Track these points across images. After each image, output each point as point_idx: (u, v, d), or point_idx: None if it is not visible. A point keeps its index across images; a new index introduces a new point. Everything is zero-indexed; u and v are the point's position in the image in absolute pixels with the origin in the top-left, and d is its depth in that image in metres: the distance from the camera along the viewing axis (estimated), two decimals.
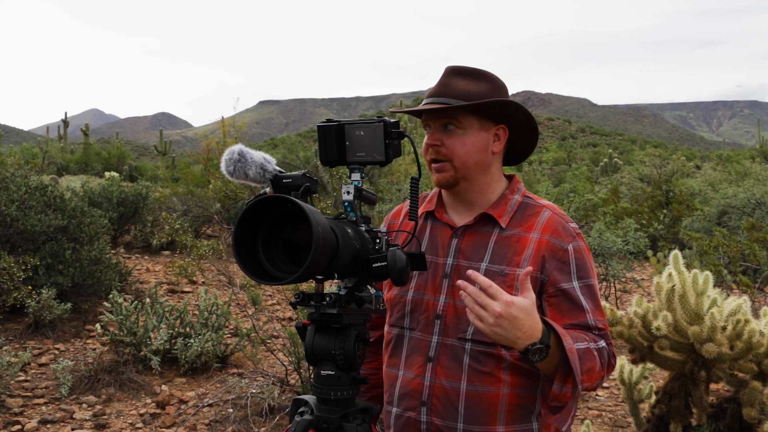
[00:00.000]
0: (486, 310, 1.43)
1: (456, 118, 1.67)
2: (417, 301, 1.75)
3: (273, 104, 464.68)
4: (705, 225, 12.02)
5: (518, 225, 1.70)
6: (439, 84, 1.71)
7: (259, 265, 1.37)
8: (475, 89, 1.68)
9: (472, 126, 1.68)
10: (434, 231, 1.79)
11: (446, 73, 1.72)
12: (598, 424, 4.82)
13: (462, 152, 1.67)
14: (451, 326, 1.68)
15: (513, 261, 1.65)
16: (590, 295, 1.65)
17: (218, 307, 5.61)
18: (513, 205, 1.73)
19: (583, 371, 1.51)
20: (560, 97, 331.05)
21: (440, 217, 1.79)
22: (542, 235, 1.66)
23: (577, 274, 1.65)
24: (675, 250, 3.50)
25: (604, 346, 1.61)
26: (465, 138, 1.68)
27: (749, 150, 36.31)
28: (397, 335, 1.79)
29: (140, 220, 10.72)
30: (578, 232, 1.70)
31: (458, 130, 1.68)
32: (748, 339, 3.19)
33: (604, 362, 1.59)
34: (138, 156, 54.62)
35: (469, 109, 1.67)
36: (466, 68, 1.72)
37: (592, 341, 1.59)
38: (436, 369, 1.68)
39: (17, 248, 6.35)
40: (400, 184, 12.99)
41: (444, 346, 1.68)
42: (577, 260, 1.66)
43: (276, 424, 4.43)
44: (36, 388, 4.90)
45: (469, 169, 1.69)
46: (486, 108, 1.68)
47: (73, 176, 20.52)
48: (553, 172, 36.35)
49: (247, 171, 1.47)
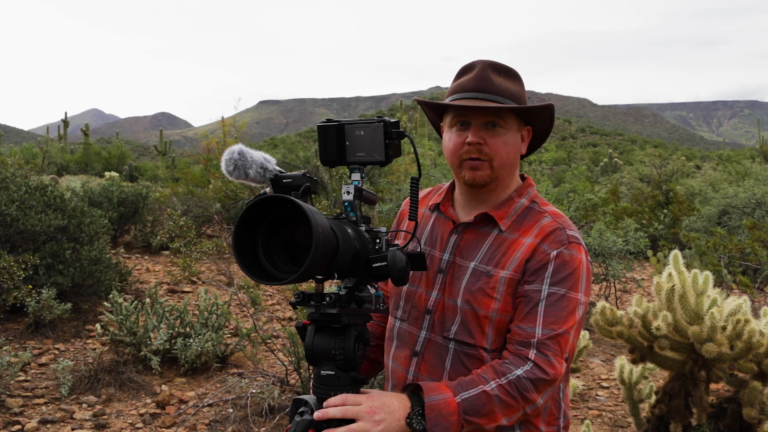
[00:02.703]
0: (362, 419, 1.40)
1: (502, 117, 1.64)
2: (410, 293, 1.75)
3: (273, 104, 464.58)
4: (705, 225, 12.02)
5: (517, 229, 1.67)
6: (478, 78, 1.65)
7: (259, 265, 1.37)
8: (514, 88, 1.67)
9: (512, 127, 1.67)
10: (436, 223, 1.79)
11: (482, 68, 1.67)
12: (598, 424, 4.82)
13: (504, 153, 1.65)
14: (438, 323, 1.68)
15: (500, 263, 1.63)
16: (557, 305, 1.55)
17: (218, 307, 5.61)
18: (517, 208, 1.71)
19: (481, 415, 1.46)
20: (560, 97, 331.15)
21: (445, 210, 1.78)
22: (534, 239, 1.63)
23: (550, 280, 1.57)
24: (675, 250, 3.50)
25: (519, 377, 1.50)
26: (507, 138, 1.65)
27: (749, 150, 36.31)
28: (392, 325, 1.81)
29: (140, 220, 10.72)
30: (574, 241, 1.62)
31: (502, 130, 1.64)
32: (748, 339, 3.19)
33: (514, 395, 1.49)
34: (138, 156, 54.62)
35: (514, 110, 1.65)
36: (501, 65, 1.69)
37: (495, 378, 1.50)
38: (420, 364, 1.68)
39: (17, 248, 6.35)
40: (400, 184, 12.99)
41: (430, 342, 1.68)
42: (557, 266, 1.58)
43: (276, 424, 4.43)
44: (36, 388, 4.90)
45: (504, 169, 1.67)
46: (531, 112, 1.67)
47: (73, 176, 20.51)
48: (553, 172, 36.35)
49: (247, 171, 1.47)
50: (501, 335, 1.62)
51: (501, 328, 1.61)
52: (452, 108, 1.67)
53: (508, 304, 1.60)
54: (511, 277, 1.60)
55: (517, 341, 1.56)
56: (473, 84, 1.65)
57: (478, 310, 1.61)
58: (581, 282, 1.59)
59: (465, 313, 1.63)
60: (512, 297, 1.60)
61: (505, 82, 1.66)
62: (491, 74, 1.65)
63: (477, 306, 1.61)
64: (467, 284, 1.64)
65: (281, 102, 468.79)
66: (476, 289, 1.62)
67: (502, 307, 1.60)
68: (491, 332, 1.61)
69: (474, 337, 1.62)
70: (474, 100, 1.63)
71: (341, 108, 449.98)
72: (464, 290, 1.64)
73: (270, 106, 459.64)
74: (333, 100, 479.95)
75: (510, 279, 1.60)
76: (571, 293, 1.57)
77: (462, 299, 1.64)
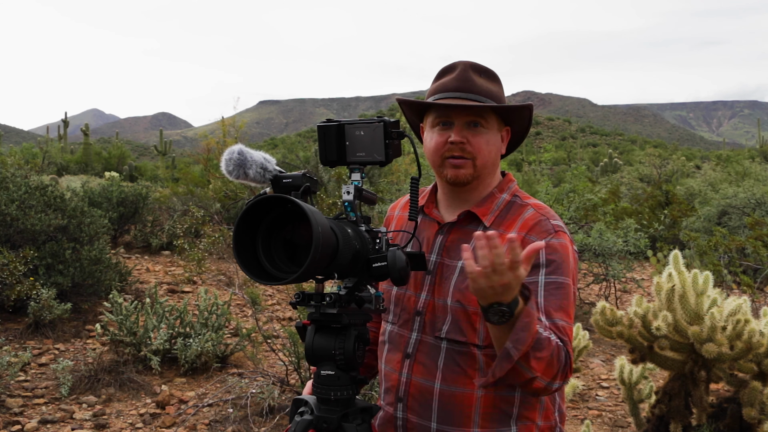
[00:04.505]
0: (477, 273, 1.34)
1: (484, 117, 1.66)
2: (399, 296, 1.75)
3: (273, 104, 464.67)
4: (705, 225, 12.03)
5: (501, 224, 1.68)
6: (460, 79, 1.66)
7: (259, 265, 1.37)
8: (494, 89, 1.69)
9: (493, 127, 1.69)
10: (422, 226, 1.79)
11: (464, 68, 1.68)
12: (598, 424, 4.82)
13: (486, 152, 1.67)
14: (429, 324, 1.68)
15: None
16: (554, 293, 1.57)
17: (218, 307, 5.61)
18: (499, 203, 1.72)
19: (533, 356, 1.41)
20: (560, 97, 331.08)
21: (429, 212, 1.79)
22: (519, 232, 1.63)
23: (545, 270, 1.58)
24: (675, 250, 3.50)
25: (562, 345, 1.50)
26: (489, 137, 1.67)
27: (749, 150, 36.30)
28: (383, 329, 1.81)
29: (140, 220, 10.72)
30: (559, 230, 1.64)
31: (484, 129, 1.66)
32: (748, 339, 3.19)
33: (560, 360, 1.47)
34: (138, 156, 54.62)
35: (495, 110, 1.67)
36: (482, 66, 1.71)
37: (555, 339, 1.48)
38: (413, 366, 1.68)
39: (17, 248, 6.35)
40: (400, 184, 12.99)
41: (422, 343, 1.68)
42: (548, 255, 1.59)
43: (276, 424, 4.43)
44: (36, 388, 4.90)
45: (486, 168, 1.69)
46: (512, 111, 1.69)
47: (73, 176, 20.51)
48: (553, 172, 36.36)
49: (247, 171, 1.47)
50: None
51: None
52: (434, 108, 1.68)
53: None
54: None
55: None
56: (455, 84, 1.66)
57: (468, 307, 1.62)
58: (570, 269, 1.61)
59: (455, 312, 1.64)
60: None
61: (486, 83, 1.68)
62: (473, 75, 1.67)
63: (467, 303, 1.62)
64: (456, 283, 1.65)
65: (281, 102, 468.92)
66: (465, 286, 1.63)
67: None
68: (482, 328, 1.61)
69: (465, 334, 1.63)
70: (457, 99, 1.64)
71: (341, 108, 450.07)
72: (454, 289, 1.65)
73: (270, 106, 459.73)
74: (333, 100, 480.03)
75: None
76: (565, 279, 1.59)
77: (452, 298, 1.64)
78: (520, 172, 26.44)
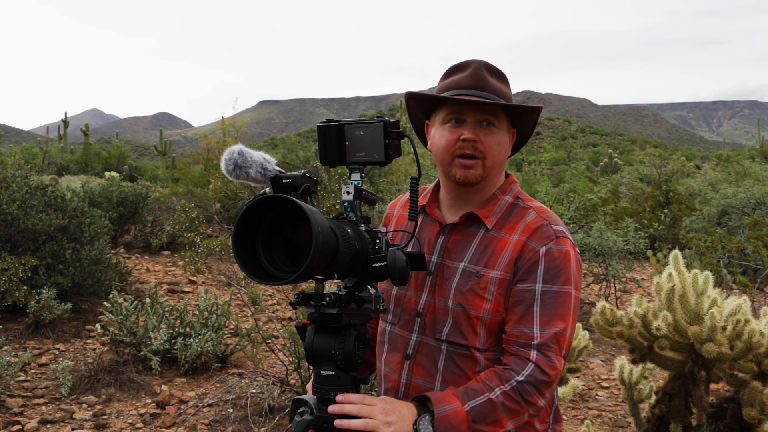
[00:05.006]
0: (376, 418, 1.43)
1: (497, 117, 1.65)
2: (399, 296, 1.75)
3: (273, 104, 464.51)
4: (705, 225, 12.02)
5: (502, 227, 1.67)
6: (474, 77, 1.65)
7: (259, 265, 1.37)
8: (506, 90, 1.69)
9: (503, 127, 1.68)
10: (423, 226, 1.78)
11: (478, 67, 1.67)
12: (598, 424, 4.82)
13: (496, 152, 1.66)
14: (429, 325, 1.68)
15: (489, 263, 1.63)
16: (551, 303, 1.56)
17: (218, 307, 5.60)
18: (502, 206, 1.71)
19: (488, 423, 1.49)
20: (560, 97, 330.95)
21: (431, 212, 1.78)
22: (521, 236, 1.63)
23: (543, 277, 1.57)
24: (675, 250, 3.50)
25: (521, 382, 1.51)
26: (500, 138, 1.67)
27: (749, 150, 36.29)
28: (382, 329, 1.81)
29: (140, 220, 10.72)
30: (561, 235, 1.62)
31: (495, 129, 1.65)
32: (748, 339, 3.19)
33: (518, 400, 1.50)
34: (138, 156, 54.60)
35: (507, 110, 1.67)
36: (494, 66, 1.70)
37: (499, 384, 1.51)
38: (412, 367, 1.68)
39: (18, 247, 6.35)
40: (400, 184, 12.99)
41: (422, 344, 1.68)
42: (548, 263, 1.58)
43: (276, 424, 4.43)
44: (36, 388, 4.90)
45: (494, 169, 1.68)
46: (525, 112, 1.69)
47: (73, 176, 20.50)
48: (553, 172, 36.34)
49: (247, 171, 1.47)
50: (493, 335, 1.62)
51: (493, 328, 1.61)
52: (446, 104, 1.66)
53: (500, 304, 1.60)
54: (502, 277, 1.60)
55: (516, 343, 1.56)
56: (470, 82, 1.65)
57: (469, 310, 1.61)
58: (572, 276, 1.60)
59: (456, 315, 1.63)
60: (504, 297, 1.60)
61: (498, 84, 1.67)
62: (486, 74, 1.66)
63: (468, 307, 1.61)
64: (458, 285, 1.64)
65: (281, 102, 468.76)
66: (467, 290, 1.62)
67: (493, 308, 1.60)
68: (483, 332, 1.61)
69: (466, 338, 1.62)
70: (471, 97, 1.63)
71: (341, 108, 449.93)
72: (455, 291, 1.64)
73: (270, 106, 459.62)
74: (333, 100, 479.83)
75: (501, 279, 1.60)
76: (564, 288, 1.58)
77: (453, 301, 1.64)
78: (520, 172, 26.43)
